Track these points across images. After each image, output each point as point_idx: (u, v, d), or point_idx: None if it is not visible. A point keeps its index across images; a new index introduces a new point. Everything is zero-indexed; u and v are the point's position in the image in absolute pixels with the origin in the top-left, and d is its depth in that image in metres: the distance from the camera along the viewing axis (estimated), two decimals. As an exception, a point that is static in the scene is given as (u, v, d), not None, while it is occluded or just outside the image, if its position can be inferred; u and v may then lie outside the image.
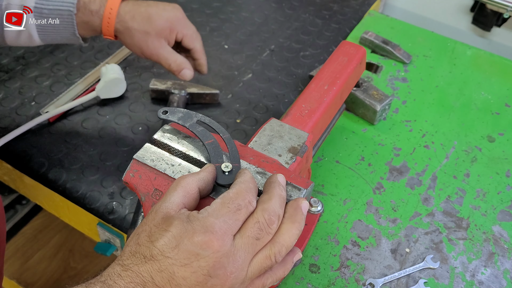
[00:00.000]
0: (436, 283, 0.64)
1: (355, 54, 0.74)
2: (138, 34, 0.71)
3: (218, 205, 0.41)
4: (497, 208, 0.73)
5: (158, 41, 0.72)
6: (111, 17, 0.69)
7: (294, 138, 0.59)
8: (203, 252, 0.38)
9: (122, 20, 0.70)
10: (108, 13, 0.69)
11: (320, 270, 0.64)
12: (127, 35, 0.72)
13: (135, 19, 0.70)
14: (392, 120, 0.86)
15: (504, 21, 1.21)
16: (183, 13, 0.75)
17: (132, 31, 0.71)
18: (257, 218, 0.42)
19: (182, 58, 0.74)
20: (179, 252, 0.39)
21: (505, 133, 0.85)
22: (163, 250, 0.39)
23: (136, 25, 0.70)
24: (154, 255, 0.39)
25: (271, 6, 1.16)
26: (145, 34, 0.71)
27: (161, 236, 0.39)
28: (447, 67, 0.98)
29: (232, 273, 0.39)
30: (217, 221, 0.40)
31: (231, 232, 0.40)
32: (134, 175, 0.50)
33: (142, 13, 0.71)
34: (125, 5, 0.71)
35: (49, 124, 0.83)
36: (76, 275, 1.44)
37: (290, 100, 0.91)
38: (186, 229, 0.39)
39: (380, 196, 0.74)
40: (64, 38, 0.73)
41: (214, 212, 0.40)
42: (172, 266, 0.38)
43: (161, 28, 0.71)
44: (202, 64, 0.79)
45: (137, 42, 0.72)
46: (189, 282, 0.38)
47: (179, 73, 0.74)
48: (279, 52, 1.02)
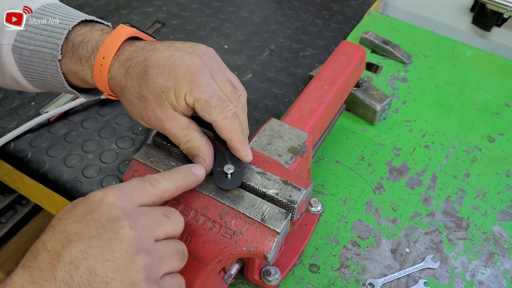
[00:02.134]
0: (436, 283, 0.64)
1: (355, 54, 0.74)
2: (134, 98, 0.48)
3: None
4: (497, 208, 0.73)
5: (161, 109, 0.47)
6: (103, 70, 0.49)
7: (294, 138, 0.59)
8: (97, 206, 0.37)
9: (115, 75, 0.49)
10: (99, 64, 0.49)
11: (320, 270, 0.64)
12: (124, 99, 0.50)
13: (129, 75, 0.48)
14: (392, 120, 0.86)
15: (504, 21, 1.21)
16: (202, 63, 0.47)
17: (126, 93, 0.49)
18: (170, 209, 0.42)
19: (198, 139, 0.48)
20: (73, 211, 0.38)
21: (505, 133, 0.85)
22: (59, 215, 0.38)
23: (130, 84, 0.48)
24: (51, 224, 0.38)
25: (271, 6, 1.16)
26: (141, 98, 0.48)
27: (65, 206, 0.39)
28: (447, 67, 0.98)
29: (130, 229, 0.36)
30: (116, 186, 0.39)
31: (130, 195, 0.39)
32: (134, 175, 0.50)
33: (139, 65, 0.48)
34: (124, 52, 0.49)
35: (49, 124, 0.83)
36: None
37: (290, 100, 0.91)
38: (86, 196, 0.39)
39: (380, 196, 0.74)
40: (58, 89, 0.56)
41: (117, 184, 0.40)
42: (65, 225, 0.37)
43: (159, 90, 0.47)
44: (235, 148, 0.49)
45: (135, 108, 0.49)
46: (81, 237, 0.36)
47: (192, 159, 0.49)
48: (279, 52, 1.02)
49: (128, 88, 0.48)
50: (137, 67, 0.48)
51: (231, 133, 0.48)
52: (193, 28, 1.06)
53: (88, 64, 0.50)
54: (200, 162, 0.48)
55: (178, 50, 0.48)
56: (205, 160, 0.48)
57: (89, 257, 0.35)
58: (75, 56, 0.51)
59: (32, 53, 0.52)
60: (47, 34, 0.51)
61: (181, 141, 0.48)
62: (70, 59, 0.51)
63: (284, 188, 0.49)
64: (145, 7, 1.11)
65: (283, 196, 0.48)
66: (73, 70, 0.52)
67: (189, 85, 0.46)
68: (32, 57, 0.52)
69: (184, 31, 1.05)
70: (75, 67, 0.51)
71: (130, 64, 0.48)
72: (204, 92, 0.46)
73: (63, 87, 0.54)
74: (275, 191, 0.48)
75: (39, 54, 0.51)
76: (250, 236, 0.46)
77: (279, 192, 0.48)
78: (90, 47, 0.50)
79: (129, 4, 1.11)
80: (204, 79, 0.47)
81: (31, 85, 0.56)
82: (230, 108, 0.47)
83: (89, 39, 0.50)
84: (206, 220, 0.47)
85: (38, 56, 0.52)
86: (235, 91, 0.49)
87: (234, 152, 0.49)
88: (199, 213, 0.47)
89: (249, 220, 0.46)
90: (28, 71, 0.54)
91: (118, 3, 1.12)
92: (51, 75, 0.53)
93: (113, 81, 0.50)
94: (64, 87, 0.54)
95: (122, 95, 0.50)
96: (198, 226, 0.47)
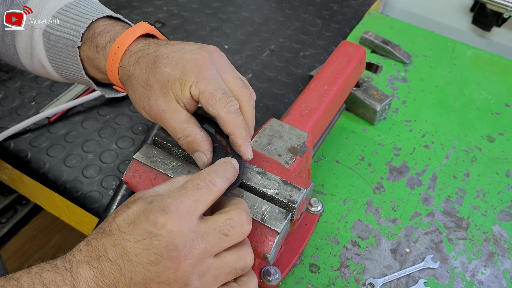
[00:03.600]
0: (436, 283, 0.64)
1: (355, 54, 0.74)
2: (139, 87, 0.49)
3: (178, 187, 0.40)
4: (497, 208, 0.73)
5: (164, 99, 0.48)
6: (115, 59, 0.51)
7: (294, 138, 0.59)
8: (157, 230, 0.37)
9: (126, 64, 0.51)
10: (113, 53, 0.51)
11: (320, 270, 0.64)
12: (130, 88, 0.51)
13: (138, 64, 0.50)
14: (392, 120, 0.86)
15: (504, 21, 1.21)
16: (210, 57, 0.48)
17: (132, 81, 0.50)
18: (230, 215, 0.41)
19: (197, 133, 0.48)
20: (134, 228, 0.38)
21: (505, 133, 0.85)
22: (120, 225, 0.39)
23: (138, 72, 0.49)
24: (111, 230, 0.39)
25: (271, 6, 1.16)
26: (147, 87, 0.49)
27: (122, 213, 0.40)
28: (447, 67, 0.98)
29: (186, 259, 0.37)
30: (174, 201, 0.39)
31: (189, 213, 0.39)
32: (134, 175, 0.50)
33: (149, 55, 0.49)
34: (137, 44, 0.51)
35: (49, 124, 0.83)
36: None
37: (290, 100, 0.91)
38: (145, 208, 0.39)
39: (380, 196, 0.74)
40: (78, 78, 0.58)
41: (173, 194, 0.40)
42: (126, 241, 0.38)
43: (165, 78, 0.47)
44: (236, 144, 0.49)
45: (139, 97, 0.50)
46: (140, 259, 0.37)
47: (191, 154, 0.49)
48: (279, 52, 1.02)
49: (135, 76, 0.50)
50: (147, 57, 0.49)
51: (234, 128, 0.48)
52: (193, 28, 1.06)
53: (103, 52, 0.52)
54: (201, 157, 0.48)
55: (188, 45, 0.50)
56: (206, 155, 0.48)
57: (147, 278, 0.38)
58: (93, 44, 0.53)
59: (58, 38, 0.55)
60: (74, 22, 0.54)
61: (180, 135, 0.48)
62: (89, 46, 0.53)
63: (284, 188, 0.49)
64: (145, 7, 1.11)
65: (283, 196, 0.48)
66: (89, 57, 0.54)
67: (195, 77, 0.47)
68: (57, 42, 0.55)
69: (184, 31, 1.05)
70: (92, 54, 0.53)
71: (141, 54, 0.50)
72: (209, 85, 0.47)
73: (81, 76, 0.56)
74: (275, 191, 0.48)
75: (63, 40, 0.54)
76: (250, 236, 0.46)
77: (279, 192, 0.48)
78: (108, 37, 0.53)
79: (129, 4, 1.11)
80: (211, 72, 0.47)
81: (55, 72, 0.58)
82: (234, 103, 0.48)
83: (109, 30, 0.53)
84: (206, 220, 0.47)
85: (62, 42, 0.55)
86: (246, 87, 0.50)
87: (236, 147, 0.49)
88: (199, 213, 0.47)
89: (249, 220, 0.46)
90: (53, 56, 0.56)
91: (119, 3, 1.12)
92: (71, 61, 0.55)
93: (122, 69, 0.51)
94: (81, 75, 0.56)
95: (128, 84, 0.51)
96: (198, 226, 0.47)
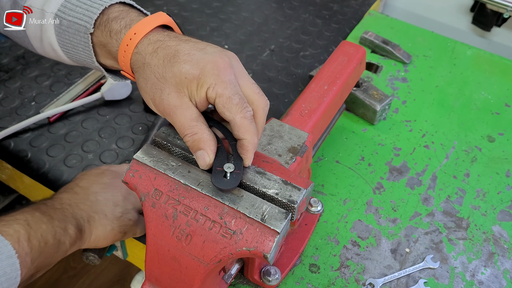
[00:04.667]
0: (436, 283, 0.64)
1: (355, 54, 0.74)
2: (153, 77, 0.48)
3: None
4: (497, 208, 0.73)
5: (177, 95, 0.47)
6: (130, 45, 0.50)
7: (294, 138, 0.59)
8: None
9: (142, 51, 0.50)
10: (128, 38, 0.50)
11: (320, 270, 0.64)
12: (141, 75, 0.50)
13: (156, 54, 0.49)
14: (392, 120, 0.86)
15: (504, 21, 1.21)
16: (229, 62, 0.48)
17: (146, 70, 0.49)
18: None
19: (205, 132, 0.48)
20: (90, 176, 0.63)
21: (505, 133, 0.85)
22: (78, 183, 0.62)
23: (155, 63, 0.48)
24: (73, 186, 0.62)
25: (271, 6, 1.16)
26: (161, 79, 0.48)
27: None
28: (447, 67, 0.98)
29: None
30: None
31: (120, 167, 0.68)
32: (134, 175, 0.50)
33: (169, 48, 0.48)
34: (156, 34, 0.50)
35: (49, 124, 0.83)
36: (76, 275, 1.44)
37: (290, 100, 0.91)
38: None
39: (380, 196, 0.74)
40: (88, 63, 0.58)
41: None
42: None
43: (183, 75, 0.47)
44: (246, 148, 0.48)
45: (150, 88, 0.49)
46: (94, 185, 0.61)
47: (194, 152, 0.49)
48: (279, 52, 1.02)
49: (151, 66, 0.49)
50: (166, 49, 0.49)
51: (247, 133, 0.48)
52: (193, 28, 1.06)
53: (116, 37, 0.52)
54: (204, 156, 0.48)
55: (210, 46, 0.50)
56: (209, 155, 0.48)
57: None
58: (106, 29, 0.52)
59: (70, 23, 0.54)
60: (86, 8, 0.54)
61: (188, 132, 0.48)
62: (102, 31, 0.53)
63: (284, 188, 0.49)
64: (145, 7, 1.10)
65: (283, 196, 0.48)
66: (102, 42, 0.54)
67: (214, 79, 0.46)
68: (69, 27, 0.55)
69: (184, 31, 1.04)
70: (104, 39, 0.53)
71: (160, 45, 0.49)
72: (227, 89, 0.47)
73: (92, 62, 0.56)
74: (275, 191, 0.48)
75: (75, 26, 0.54)
76: (250, 236, 0.46)
77: (279, 192, 0.48)
78: (124, 23, 0.52)
79: (129, 4, 1.11)
80: (229, 77, 0.47)
81: (66, 56, 0.58)
82: (249, 109, 0.48)
83: (124, 16, 0.53)
84: (206, 220, 0.47)
85: (74, 28, 0.54)
86: (262, 95, 0.50)
87: (243, 152, 0.49)
88: (199, 213, 0.47)
89: (249, 220, 0.46)
90: (64, 41, 0.56)
91: (118, 3, 1.12)
92: (83, 47, 0.55)
93: (137, 56, 0.50)
94: (92, 62, 0.56)
95: (141, 72, 0.50)
96: (198, 226, 0.47)
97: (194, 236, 0.47)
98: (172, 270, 0.49)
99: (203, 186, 0.48)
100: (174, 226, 0.48)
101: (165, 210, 0.48)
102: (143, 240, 0.69)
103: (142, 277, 0.90)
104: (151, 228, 0.49)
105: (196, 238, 0.47)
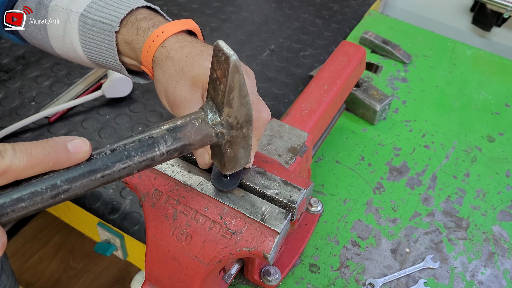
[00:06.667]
0: (436, 283, 0.64)
1: (355, 54, 0.74)
2: (172, 69, 0.51)
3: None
4: (497, 208, 0.73)
5: (190, 89, 0.49)
6: (156, 40, 0.52)
7: (294, 138, 0.59)
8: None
9: (168, 46, 0.52)
10: (155, 35, 0.53)
11: (320, 270, 0.64)
12: (161, 67, 0.52)
13: (181, 50, 0.51)
14: (392, 120, 0.86)
15: (504, 21, 1.21)
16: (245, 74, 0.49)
17: (168, 62, 0.51)
18: None
19: None
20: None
21: (505, 133, 0.85)
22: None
23: (178, 57, 0.51)
24: None
25: (271, 6, 1.16)
26: (180, 71, 0.50)
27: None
28: (447, 67, 0.98)
29: None
30: None
31: None
32: (134, 175, 0.50)
33: (195, 48, 0.51)
34: (183, 36, 0.53)
35: (49, 124, 0.83)
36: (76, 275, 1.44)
37: (290, 100, 0.91)
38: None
39: (380, 196, 0.74)
40: (108, 63, 0.59)
41: None
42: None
43: (202, 71, 0.49)
44: None
45: (167, 79, 0.51)
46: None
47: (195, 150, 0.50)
48: (279, 52, 1.02)
49: (174, 59, 0.51)
50: (192, 48, 0.51)
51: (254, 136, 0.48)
52: (193, 28, 1.06)
53: (144, 34, 0.54)
54: (204, 155, 0.48)
55: None
56: (209, 154, 0.47)
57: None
58: (134, 27, 0.55)
59: (95, 22, 0.56)
60: (113, 9, 0.56)
61: None
62: (128, 29, 0.55)
63: (284, 188, 0.49)
64: (145, 7, 1.11)
65: (283, 196, 0.48)
66: (127, 40, 0.55)
67: None
68: (94, 26, 0.56)
69: (184, 31, 1.05)
70: (130, 37, 0.55)
71: (187, 44, 0.52)
72: None
73: (113, 62, 0.58)
74: (275, 191, 0.48)
75: (100, 25, 0.56)
76: (250, 236, 0.46)
77: (279, 192, 0.48)
78: (152, 23, 0.54)
79: (129, 4, 1.11)
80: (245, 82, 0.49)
81: (85, 56, 0.59)
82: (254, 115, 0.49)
83: (152, 18, 0.55)
84: (206, 220, 0.47)
85: (99, 27, 0.56)
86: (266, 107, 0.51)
87: None
88: (199, 213, 0.47)
89: (249, 220, 0.46)
90: (87, 40, 0.58)
91: (118, 3, 1.12)
92: (106, 46, 0.56)
93: (162, 50, 0.52)
94: (114, 61, 0.57)
95: (162, 64, 0.52)
96: (198, 226, 0.47)
97: (194, 236, 0.47)
98: (172, 270, 0.49)
99: (203, 186, 0.48)
100: (174, 226, 0.48)
101: (165, 210, 0.48)
102: (143, 240, 0.69)
103: (142, 277, 0.90)
104: (151, 228, 0.49)
105: (196, 238, 0.47)
